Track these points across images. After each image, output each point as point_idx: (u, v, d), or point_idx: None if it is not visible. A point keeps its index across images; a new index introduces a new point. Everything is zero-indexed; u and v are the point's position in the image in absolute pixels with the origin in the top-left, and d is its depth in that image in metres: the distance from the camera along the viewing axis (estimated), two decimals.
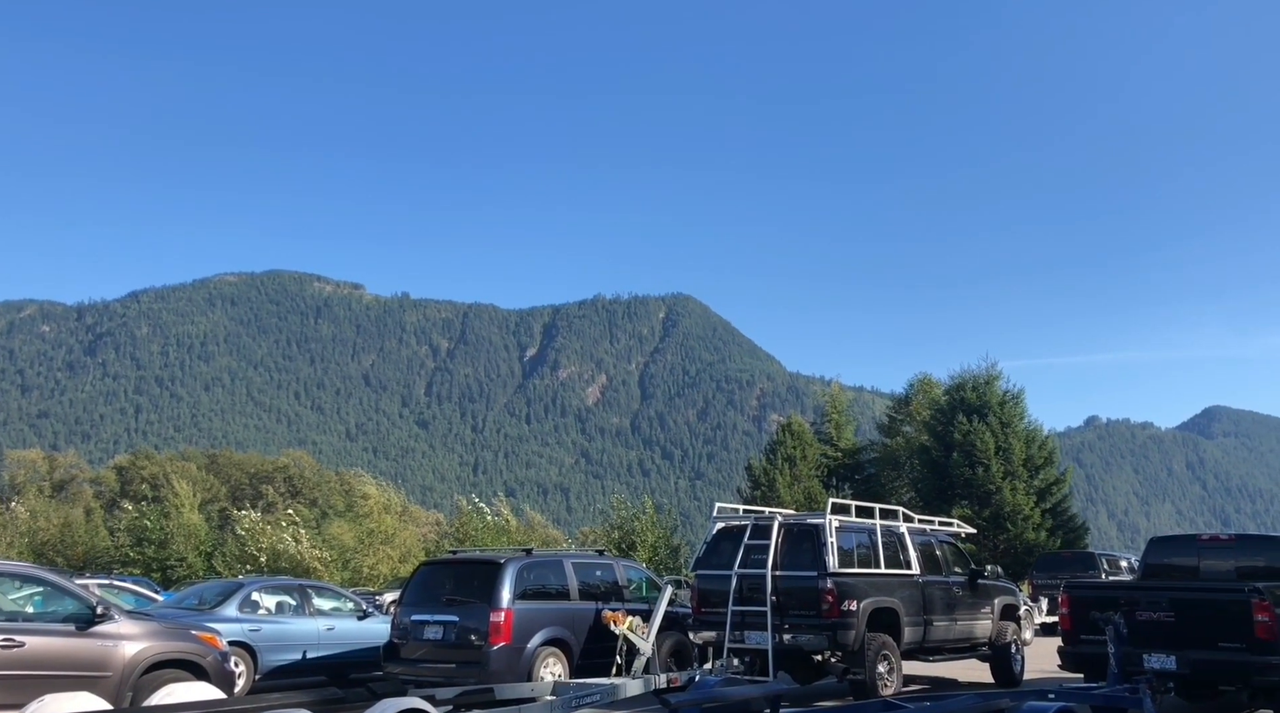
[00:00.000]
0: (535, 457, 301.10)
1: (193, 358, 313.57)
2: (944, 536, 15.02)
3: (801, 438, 47.99)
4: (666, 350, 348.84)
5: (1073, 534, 42.09)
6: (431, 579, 13.40)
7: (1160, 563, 13.43)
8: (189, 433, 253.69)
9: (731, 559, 12.53)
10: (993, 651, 14.69)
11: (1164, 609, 10.65)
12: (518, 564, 12.60)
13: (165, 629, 9.74)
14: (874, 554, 12.86)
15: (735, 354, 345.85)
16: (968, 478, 41.60)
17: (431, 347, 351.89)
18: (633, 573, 14.82)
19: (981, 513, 40.27)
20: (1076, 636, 11.33)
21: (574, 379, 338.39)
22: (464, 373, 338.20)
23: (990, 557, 36.96)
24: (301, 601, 15.01)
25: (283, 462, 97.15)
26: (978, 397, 43.46)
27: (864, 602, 12.15)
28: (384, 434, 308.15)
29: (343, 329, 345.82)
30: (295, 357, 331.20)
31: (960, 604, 14.08)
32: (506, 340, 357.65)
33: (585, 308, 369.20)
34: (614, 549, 35.45)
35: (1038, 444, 43.46)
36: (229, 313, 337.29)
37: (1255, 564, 12.47)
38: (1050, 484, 42.96)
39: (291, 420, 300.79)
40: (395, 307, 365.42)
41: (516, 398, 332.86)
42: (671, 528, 44.08)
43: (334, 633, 14.67)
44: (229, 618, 13.63)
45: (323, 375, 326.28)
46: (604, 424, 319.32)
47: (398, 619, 12.98)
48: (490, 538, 38.74)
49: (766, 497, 43.15)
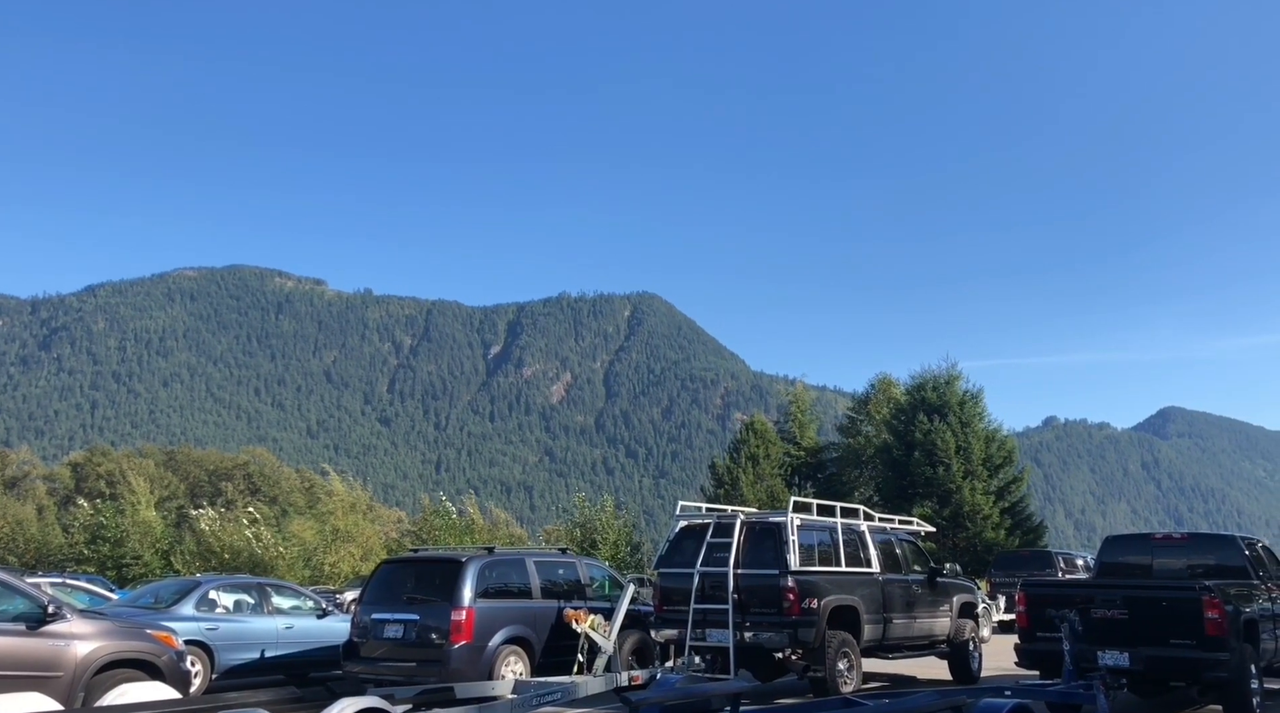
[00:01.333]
0: (499, 455, 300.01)
1: (151, 353, 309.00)
2: (904, 534, 15.15)
3: (765, 437, 48.24)
4: (631, 349, 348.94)
5: (1030, 533, 42.66)
6: (392, 578, 13.30)
7: (1115, 562, 13.63)
8: (146, 429, 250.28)
9: (694, 558, 12.56)
10: (951, 648, 14.83)
11: (1118, 607, 10.81)
12: (479, 563, 12.54)
13: (119, 628, 9.58)
14: (835, 553, 12.94)
15: (700, 353, 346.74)
16: (928, 477, 42.03)
17: (394, 343, 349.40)
18: (595, 571, 14.80)
19: (942, 512, 40.71)
20: (1033, 633, 11.47)
21: (538, 377, 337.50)
22: (427, 370, 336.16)
23: (950, 555, 37.31)
24: (260, 599, 14.84)
25: (242, 459, 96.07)
26: (938, 396, 43.90)
27: (825, 600, 12.22)
28: (345, 431, 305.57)
29: (304, 325, 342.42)
30: (256, 353, 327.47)
31: (919, 602, 14.21)
32: (470, 338, 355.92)
33: (550, 306, 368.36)
34: (576, 547, 35.40)
35: (997, 444, 44.00)
36: (188, 308, 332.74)
37: (1206, 562, 12.70)
38: (1009, 483, 43.51)
39: (251, 417, 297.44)
40: (358, 303, 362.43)
41: (480, 396, 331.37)
42: (632, 526, 44.09)
43: (293, 632, 14.51)
44: (185, 617, 13.44)
45: (284, 372, 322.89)
46: (568, 422, 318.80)
47: (358, 618, 12.87)
48: (453, 536, 38.52)
49: (730, 495, 43.32)
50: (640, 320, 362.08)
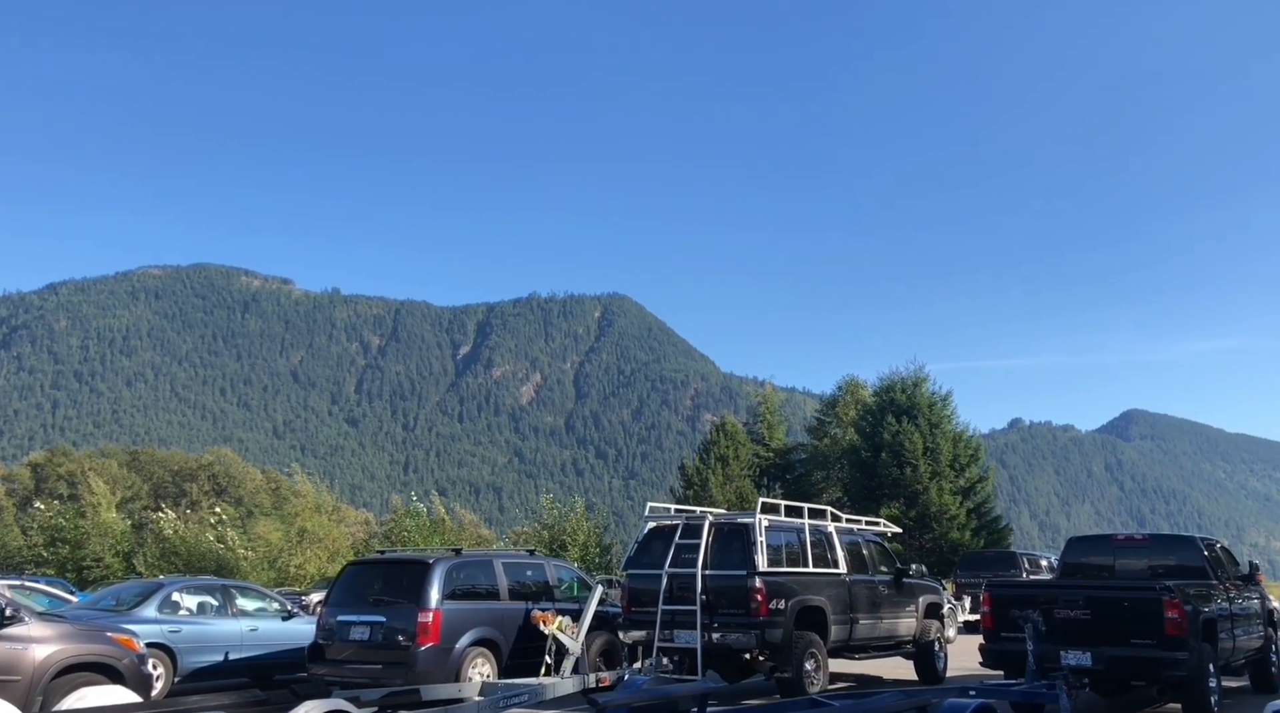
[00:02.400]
0: (468, 456, 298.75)
1: (114, 352, 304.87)
2: (871, 535, 15.25)
3: (734, 438, 48.40)
4: (602, 350, 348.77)
5: (996, 534, 43.08)
6: (358, 579, 13.22)
7: (1078, 562, 13.80)
8: (109, 429, 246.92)
9: (662, 559, 12.57)
10: (917, 648, 14.95)
11: (1080, 607, 10.94)
12: (446, 564, 12.49)
13: (78, 631, 9.45)
14: (802, 553, 13.00)
15: (670, 354, 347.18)
16: (896, 478, 42.33)
17: (362, 343, 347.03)
18: (563, 573, 14.78)
19: (909, 513, 41.01)
20: (997, 633, 11.57)
21: (508, 378, 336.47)
22: (395, 370, 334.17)
23: (916, 556, 37.63)
24: (224, 601, 14.69)
25: (207, 459, 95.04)
26: (907, 398, 44.23)
27: (792, 600, 12.28)
28: (312, 432, 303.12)
29: (271, 325, 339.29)
30: (221, 352, 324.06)
31: (885, 603, 14.31)
32: (439, 338, 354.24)
33: (520, 306, 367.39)
34: (545, 549, 35.33)
35: (963, 445, 44.40)
36: (153, 307, 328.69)
37: (1167, 563, 12.89)
38: (975, 484, 43.92)
39: (217, 417, 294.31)
40: (325, 302, 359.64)
41: (449, 396, 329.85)
42: (603, 527, 44.05)
43: (258, 634, 14.38)
44: (147, 619, 13.28)
45: (249, 372, 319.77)
46: (538, 423, 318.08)
47: (323, 620, 12.77)
48: (421, 538, 38.32)
49: (699, 496, 43.41)
50: (610, 321, 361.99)
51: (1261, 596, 14.03)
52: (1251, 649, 12.92)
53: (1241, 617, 12.50)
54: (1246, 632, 12.60)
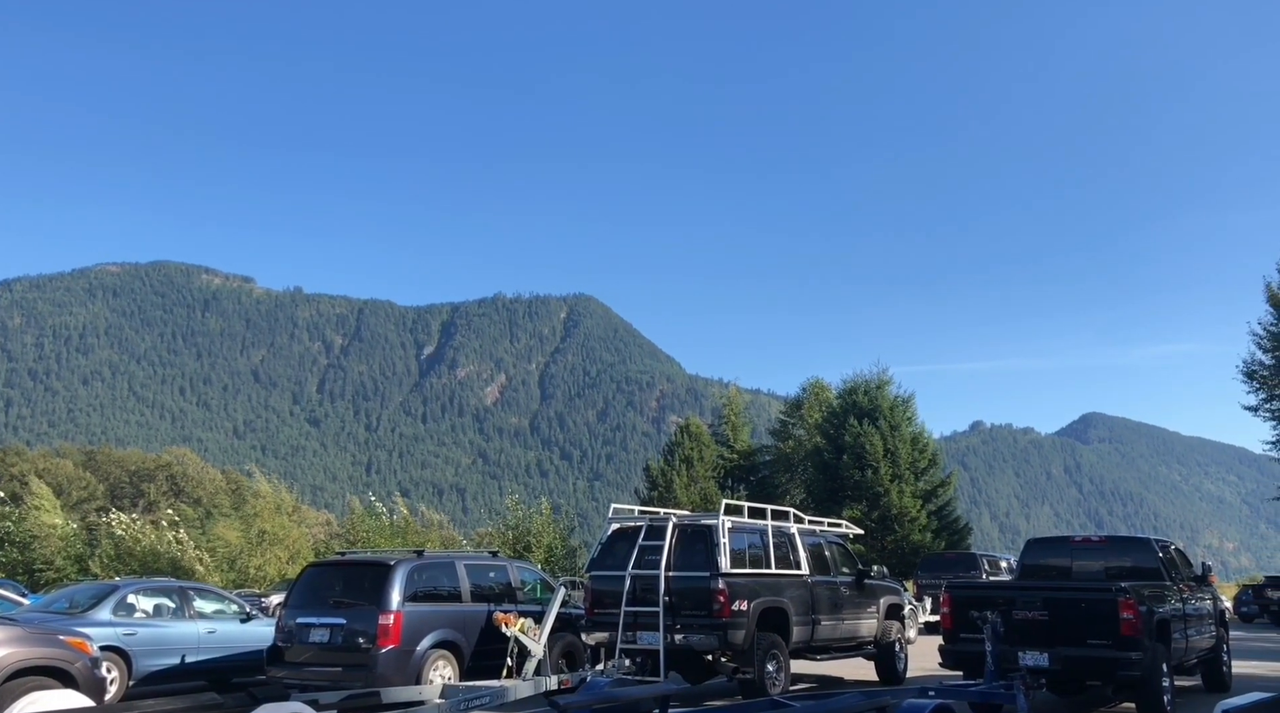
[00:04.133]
0: (431, 457, 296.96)
1: (70, 350, 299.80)
2: (833, 536, 15.32)
3: (699, 440, 48.49)
4: (567, 351, 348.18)
5: (956, 535, 43.49)
6: (318, 581, 13.08)
7: (1036, 564, 13.95)
8: (64, 429, 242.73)
9: (626, 560, 12.55)
10: (878, 649, 15.04)
11: (1038, 609, 11.05)
12: (408, 566, 12.39)
13: (29, 635, 9.26)
14: (765, 555, 13.04)
15: (636, 356, 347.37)
16: (858, 480, 42.61)
17: (325, 343, 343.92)
18: (526, 574, 14.72)
19: (871, 514, 41.30)
20: (957, 634, 11.67)
21: (472, 378, 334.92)
22: (358, 370, 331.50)
23: (878, 557, 37.90)
24: (181, 603, 14.48)
25: (165, 459, 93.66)
26: (869, 401, 44.54)
27: (754, 602, 12.31)
28: (273, 432, 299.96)
29: (231, 323, 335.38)
30: (181, 351, 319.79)
31: (847, 604, 14.38)
32: (403, 338, 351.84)
33: (485, 306, 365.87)
34: (509, 551, 35.17)
35: (922, 447, 44.78)
36: (110, 304, 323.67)
37: (1123, 565, 13.07)
38: (936, 486, 44.31)
39: (176, 417, 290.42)
40: (287, 301, 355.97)
41: (412, 397, 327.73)
42: (569, 529, 43.92)
43: (215, 636, 14.20)
44: (101, 622, 13.06)
45: (209, 371, 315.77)
46: (502, 424, 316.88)
47: (282, 622, 12.62)
48: (384, 539, 37.97)
49: (664, 498, 43.45)
50: (576, 322, 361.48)
51: (1213, 596, 14.27)
52: (1204, 649, 13.13)
53: (1194, 617, 12.70)
54: (1199, 632, 12.81)
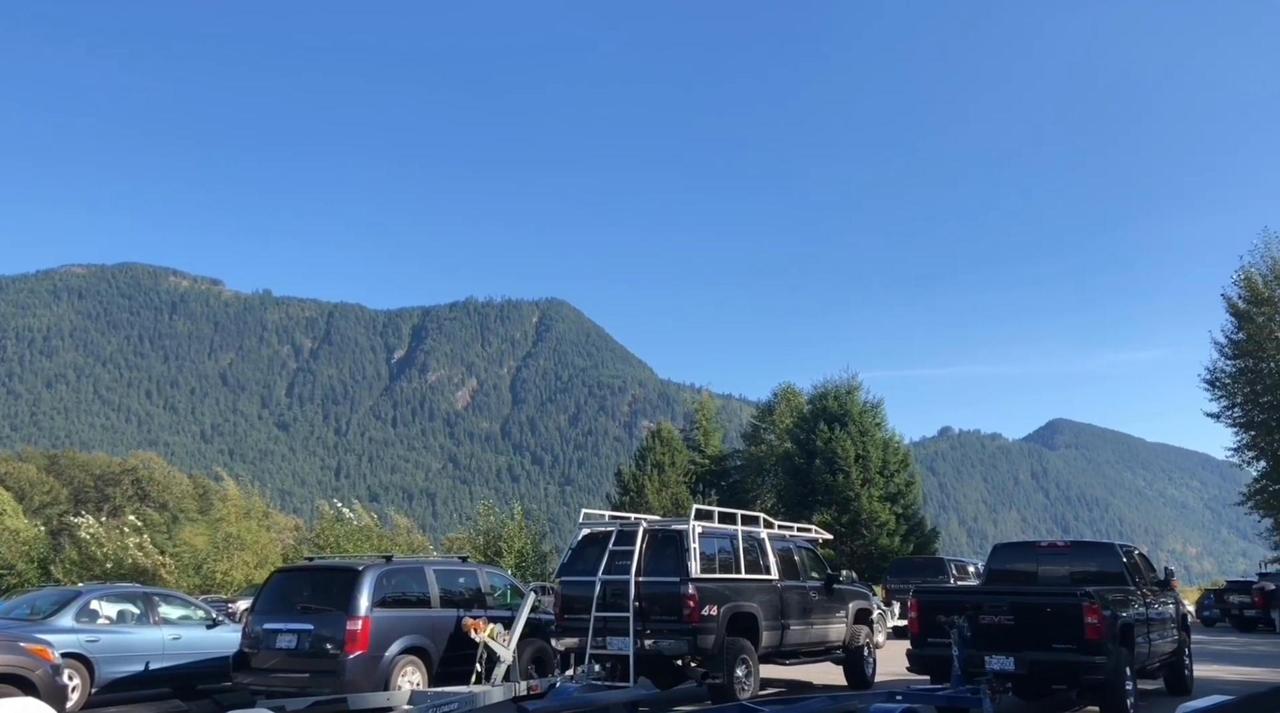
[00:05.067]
0: (401, 461, 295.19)
1: (34, 353, 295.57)
2: (802, 541, 15.39)
3: (671, 445, 48.54)
4: (539, 355, 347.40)
5: (925, 540, 43.80)
6: (286, 586, 12.98)
7: (1003, 569, 14.08)
8: (27, 432, 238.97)
9: (596, 565, 12.55)
10: (846, 653, 15.11)
11: (1004, 613, 11.16)
12: (377, 571, 12.33)
13: None
14: (735, 560, 13.07)
15: (608, 360, 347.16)
16: (828, 485, 42.80)
17: (294, 346, 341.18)
18: (496, 580, 14.68)
19: (840, 519, 41.50)
20: (924, 639, 11.74)
21: (443, 382, 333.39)
22: (328, 374, 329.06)
23: (847, 562, 38.12)
24: (146, 609, 14.32)
25: (131, 463, 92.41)
26: (839, 406, 44.76)
27: (724, 607, 12.33)
28: (241, 436, 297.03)
29: (200, 326, 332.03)
30: (148, 354, 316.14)
31: (816, 609, 14.44)
32: (373, 341, 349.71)
33: (456, 310, 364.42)
34: (480, 556, 35.02)
35: (893, 451, 45.08)
36: (76, 306, 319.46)
37: (1088, 569, 13.21)
38: (904, 491, 44.60)
39: (142, 420, 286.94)
40: (256, 304, 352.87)
41: (383, 401, 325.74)
42: (540, 534, 43.81)
43: (180, 642, 14.04)
44: (64, 628, 12.88)
45: (177, 374, 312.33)
46: (473, 429, 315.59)
47: (249, 628, 12.51)
48: (353, 544, 37.70)
49: (635, 503, 43.43)
50: (548, 327, 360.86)
51: (1176, 600, 14.47)
52: (1166, 653, 13.31)
53: (1157, 621, 12.87)
54: (1162, 636, 12.98)
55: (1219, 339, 40.60)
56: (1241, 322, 39.44)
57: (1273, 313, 38.45)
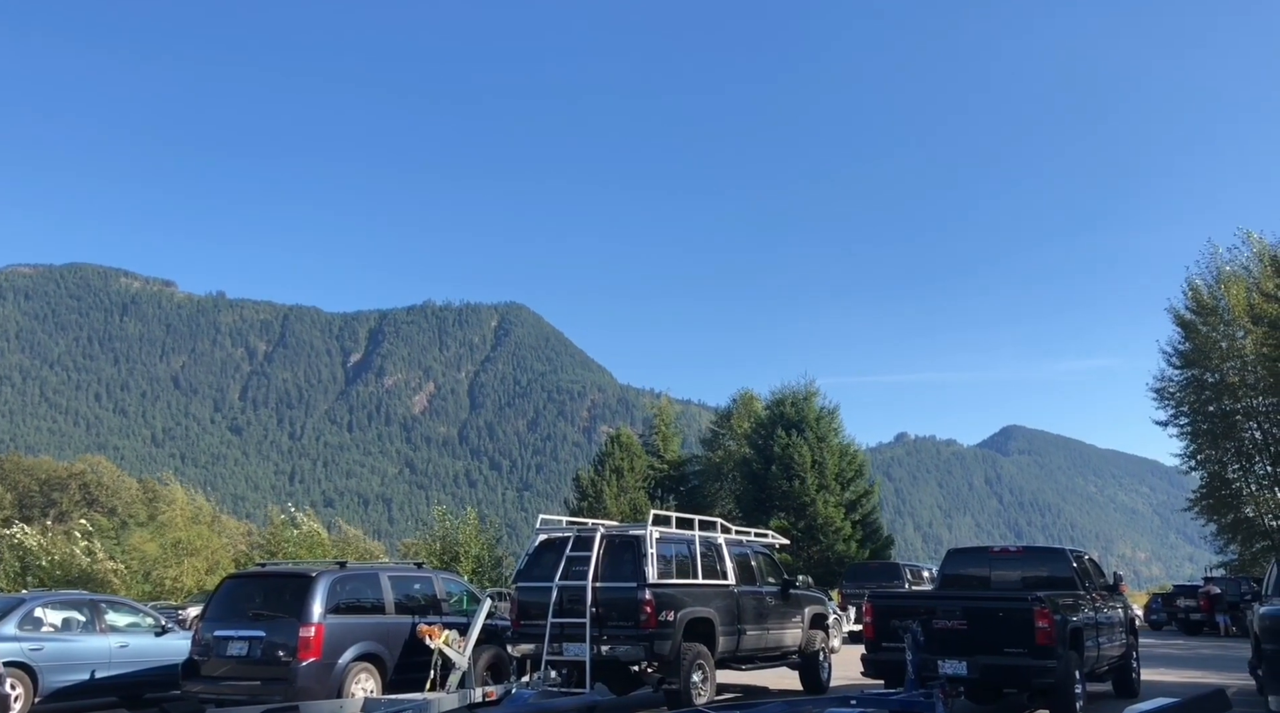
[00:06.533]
0: (357, 466, 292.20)
1: None
2: (759, 546, 15.46)
3: (629, 450, 48.58)
4: (498, 359, 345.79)
5: (880, 545, 44.22)
6: (238, 593, 12.80)
7: (956, 574, 14.24)
8: None
9: (553, 571, 12.50)
10: (802, 658, 15.17)
11: (957, 618, 11.27)
12: (330, 578, 12.19)
13: None
14: (692, 565, 13.09)
15: (567, 365, 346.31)
16: (785, 490, 43.08)
17: (248, 349, 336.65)
18: (452, 586, 14.58)
19: (797, 524, 41.79)
20: (879, 643, 11.84)
21: (400, 387, 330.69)
22: (282, 377, 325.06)
23: (804, 567, 38.36)
24: (92, 616, 14.03)
25: (79, 468, 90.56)
26: (796, 412, 45.09)
27: (681, 612, 12.34)
28: (193, 440, 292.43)
29: (151, 328, 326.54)
30: (97, 356, 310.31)
31: (772, 614, 14.49)
32: (329, 345, 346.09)
33: (414, 313, 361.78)
34: (436, 562, 34.79)
35: (849, 458, 45.47)
36: (22, 307, 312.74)
37: (1040, 574, 13.39)
38: (860, 496, 44.99)
39: (91, 424, 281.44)
40: (209, 306, 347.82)
41: (338, 405, 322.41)
42: (497, 540, 43.63)
43: (128, 650, 13.78)
44: (6, 637, 12.60)
45: (127, 377, 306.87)
46: (430, 433, 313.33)
47: (199, 635, 12.32)
48: (305, 551, 37.31)
49: (594, 508, 43.42)
50: (507, 331, 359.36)
51: (1124, 605, 14.71)
52: (1114, 657, 13.51)
53: (1106, 625, 13.07)
54: (1110, 640, 13.18)
55: (1166, 349, 41.50)
56: (1188, 332, 40.33)
57: (1218, 324, 39.36)
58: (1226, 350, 38.80)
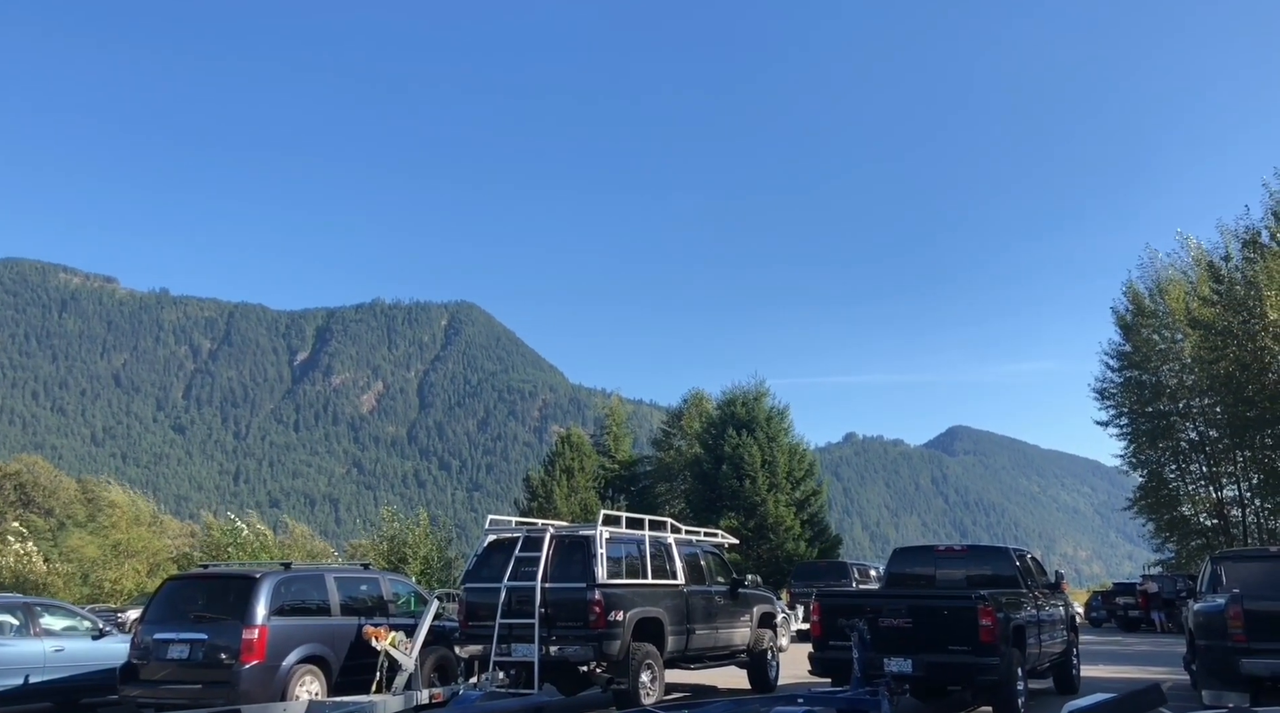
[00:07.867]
0: (303, 466, 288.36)
1: None
2: (709, 546, 15.50)
3: (580, 450, 48.49)
4: (448, 358, 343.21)
5: (828, 544, 44.60)
6: (179, 595, 12.57)
7: (902, 572, 14.41)
8: None
9: (502, 572, 12.43)
10: (750, 657, 15.24)
11: (903, 616, 11.40)
12: (274, 579, 12.01)
13: None
14: (642, 565, 13.10)
15: (518, 364, 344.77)
16: (735, 489, 43.28)
17: (192, 347, 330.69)
18: (399, 587, 14.44)
19: (747, 524, 42.00)
20: (826, 642, 11.93)
21: (348, 386, 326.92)
22: (227, 376, 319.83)
23: (753, 566, 38.58)
24: (26, 620, 13.68)
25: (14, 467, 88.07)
26: (747, 412, 45.33)
27: (630, 612, 12.33)
28: (135, 439, 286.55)
29: (91, 325, 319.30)
30: (34, 353, 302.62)
31: (721, 613, 14.54)
32: (275, 343, 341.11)
33: (363, 312, 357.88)
34: (384, 563, 34.44)
35: (799, 457, 45.81)
36: None
37: (983, 573, 13.60)
38: (809, 496, 45.36)
39: (27, 422, 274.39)
40: (152, 303, 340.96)
41: (284, 404, 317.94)
42: (446, 541, 43.28)
43: (64, 654, 13.47)
44: None
45: (66, 374, 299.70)
46: (379, 433, 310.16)
47: (138, 638, 12.08)
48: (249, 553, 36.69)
49: (544, 508, 43.28)
50: (458, 330, 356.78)
51: (1065, 603, 15.00)
52: (1055, 654, 13.77)
53: (1047, 623, 13.31)
54: (1051, 637, 13.43)
55: (1106, 352, 42.37)
56: (1128, 335, 41.22)
57: (1157, 327, 40.26)
58: (1165, 353, 39.67)
